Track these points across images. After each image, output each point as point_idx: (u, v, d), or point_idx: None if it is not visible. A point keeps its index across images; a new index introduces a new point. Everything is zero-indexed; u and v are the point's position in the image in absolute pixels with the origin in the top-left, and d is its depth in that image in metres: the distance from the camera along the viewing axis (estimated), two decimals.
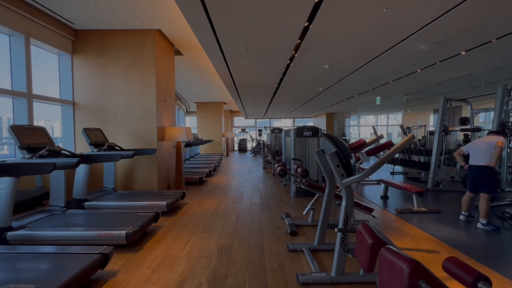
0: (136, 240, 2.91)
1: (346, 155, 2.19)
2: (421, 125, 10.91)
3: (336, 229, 2.10)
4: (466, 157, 3.82)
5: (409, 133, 9.59)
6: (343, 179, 2.18)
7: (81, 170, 3.88)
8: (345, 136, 17.15)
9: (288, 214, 3.83)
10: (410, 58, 4.75)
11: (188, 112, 17.63)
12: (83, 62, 4.92)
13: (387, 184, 5.04)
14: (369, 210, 3.51)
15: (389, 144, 3.09)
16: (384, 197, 5.06)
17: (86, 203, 3.91)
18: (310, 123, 21.25)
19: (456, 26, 3.38)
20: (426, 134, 9.28)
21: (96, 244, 2.76)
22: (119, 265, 2.49)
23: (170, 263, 2.52)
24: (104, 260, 2.21)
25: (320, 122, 18.60)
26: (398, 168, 8.51)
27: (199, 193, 5.53)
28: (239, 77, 6.47)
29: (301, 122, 21.56)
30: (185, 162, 9.35)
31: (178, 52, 6.17)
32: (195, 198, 5.13)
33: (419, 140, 9.76)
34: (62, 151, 3.26)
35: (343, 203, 2.20)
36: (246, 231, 3.36)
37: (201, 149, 14.58)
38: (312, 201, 3.52)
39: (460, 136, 8.29)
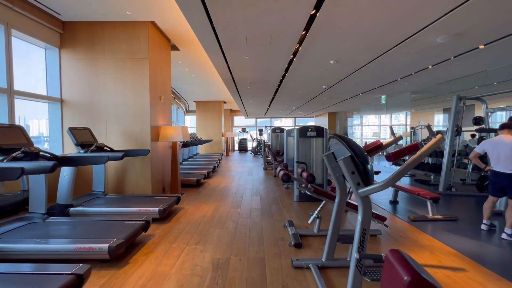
0: (121, 254, 2.58)
1: (363, 160, 1.85)
2: (425, 125, 10.57)
3: (356, 255, 1.77)
4: (481, 158, 3.48)
5: (413, 133, 9.25)
6: (359, 189, 1.85)
7: (66, 173, 3.56)
8: (347, 136, 16.81)
9: (291, 222, 3.49)
10: (423, 53, 4.40)
11: (187, 111, 17.31)
12: (71, 57, 4.59)
13: (398, 188, 4.70)
14: (382, 219, 3.18)
15: (414, 147, 2.72)
16: (394, 202, 4.72)
17: (71, 209, 3.59)
18: (310, 122, 20.91)
19: (480, 15, 3.04)
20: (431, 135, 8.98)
21: (75, 259, 2.45)
22: (98, 285, 2.16)
23: (157, 283, 2.19)
24: (78, 282, 1.88)
25: (321, 122, 18.25)
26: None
27: (196, 197, 5.20)
28: (239, 74, 6.13)
29: (302, 122, 21.20)
30: (183, 162, 9.03)
31: (174, 48, 5.84)
32: (191, 202, 4.80)
33: (424, 140, 9.44)
34: (41, 153, 2.94)
35: (359, 216, 1.87)
36: (245, 242, 3.03)
37: (201, 149, 14.27)
38: (318, 208, 3.18)
39: (467, 136, 7.94)
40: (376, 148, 2.61)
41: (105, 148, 4.17)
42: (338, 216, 2.40)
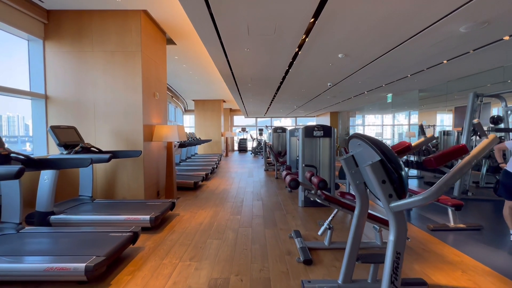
0: (102, 274, 2.20)
1: (397, 166, 1.48)
2: (429, 125, 10.22)
3: None
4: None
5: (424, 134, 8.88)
6: (391, 202, 1.48)
7: (47, 177, 3.19)
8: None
9: (298, 233, 3.12)
10: (440, 46, 4.03)
11: (186, 111, 16.95)
12: (57, 49, 4.21)
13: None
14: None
15: (462, 150, 2.32)
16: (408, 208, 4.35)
17: (53, 217, 3.21)
18: (310, 122, 20.54)
19: None
20: (439, 135, 8.62)
21: (46, 281, 2.08)
22: None
23: None
24: None
25: (323, 122, 17.88)
26: (413, 172, 7.80)
27: (193, 201, 4.82)
28: (239, 70, 5.75)
29: (303, 122, 20.83)
30: (180, 164, 8.65)
31: (171, 42, 5.47)
32: (187, 207, 4.42)
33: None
34: (13, 155, 2.56)
35: (392, 236, 1.50)
36: (247, 256, 2.65)
37: (199, 149, 13.90)
38: (330, 218, 2.81)
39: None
40: (404, 150, 2.24)
41: (92, 149, 3.79)
42: (358, 231, 2.02)
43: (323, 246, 2.82)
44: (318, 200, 2.72)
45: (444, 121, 10.12)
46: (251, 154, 16.27)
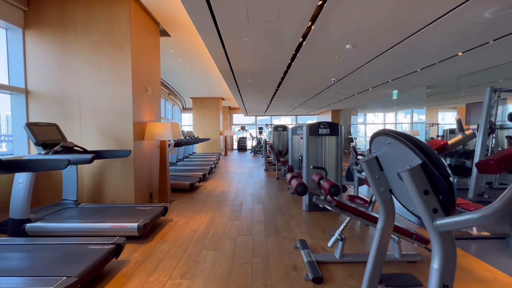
0: None
1: (445, 172, 1.13)
2: (432, 124, 9.88)
3: None
4: None
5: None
6: (437, 219, 1.13)
7: (21, 180, 2.83)
8: (350, 135, 16.10)
9: (304, 243, 2.77)
10: (459, 34, 3.68)
11: (184, 109, 16.59)
12: (38, 39, 3.84)
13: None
14: (424, 242, 2.45)
15: None
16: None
17: (28, 226, 2.85)
18: (309, 121, 20.18)
19: None
20: (444, 133, 8.29)
21: None
22: None
23: None
24: None
25: (324, 120, 17.51)
26: None
27: (188, 205, 4.47)
28: (238, 64, 5.39)
29: (303, 120, 20.47)
30: (177, 163, 8.30)
31: (165, 33, 5.11)
32: (182, 212, 4.07)
33: (442, 136, 8.80)
34: None
35: (436, 264, 1.15)
36: (247, 272, 2.30)
37: (198, 148, 13.55)
38: (341, 227, 2.47)
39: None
40: (440, 149, 1.90)
41: (76, 148, 3.43)
42: (381, 248, 1.67)
43: (334, 259, 2.47)
44: (329, 207, 2.37)
45: (449, 118, 9.78)
46: (250, 153, 15.93)
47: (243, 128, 18.44)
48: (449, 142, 2.03)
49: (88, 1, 3.77)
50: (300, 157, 6.18)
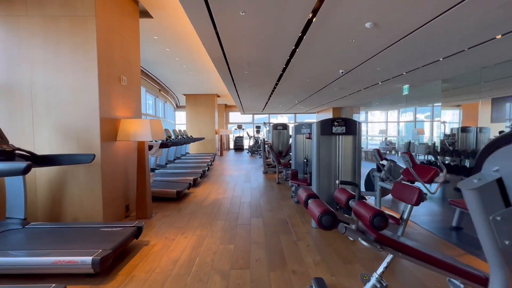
0: None
1: None
2: (444, 121, 9.20)
3: None
4: None
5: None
6: None
7: None
8: None
9: (322, 283, 2.00)
10: (503, 9, 2.92)
11: (178, 107, 15.75)
12: None
13: (460, 208, 3.24)
14: (482, 284, 1.69)
15: None
16: (457, 228, 3.27)
17: None
18: (307, 120, 19.45)
19: None
20: (457, 132, 7.62)
21: None
22: None
23: None
24: None
25: (324, 118, 16.78)
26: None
27: (172, 219, 3.68)
28: (233, 49, 4.59)
29: (302, 118, 19.72)
30: (167, 165, 7.49)
31: (146, 14, 4.30)
32: (162, 230, 3.28)
33: (449, 136, 8.12)
34: None
35: None
36: None
37: (191, 147, 12.74)
38: (381, 269, 1.70)
39: (494, 132, 6.54)
40: None
41: (18, 152, 2.62)
42: None
43: None
44: (364, 242, 1.59)
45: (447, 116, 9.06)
46: (247, 153, 15.15)
47: (239, 127, 17.65)
48: None
49: None
50: (305, 160, 5.41)
